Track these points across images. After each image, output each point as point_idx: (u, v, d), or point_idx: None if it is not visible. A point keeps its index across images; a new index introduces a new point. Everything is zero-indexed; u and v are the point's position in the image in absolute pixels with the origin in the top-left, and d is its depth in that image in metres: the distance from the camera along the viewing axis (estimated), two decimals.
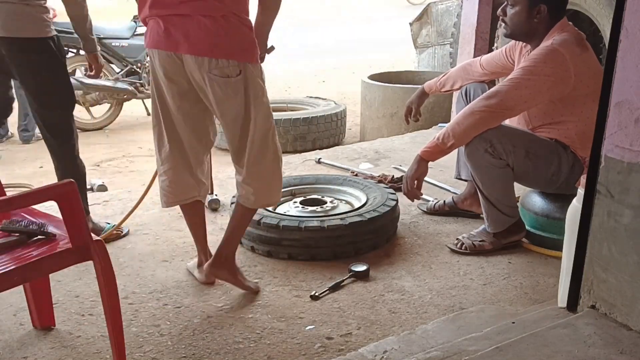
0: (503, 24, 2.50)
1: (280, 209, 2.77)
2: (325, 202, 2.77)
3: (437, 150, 2.40)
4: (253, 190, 2.15)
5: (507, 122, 2.50)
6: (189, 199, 2.27)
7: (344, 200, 2.87)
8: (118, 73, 5.97)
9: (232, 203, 2.70)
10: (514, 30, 2.47)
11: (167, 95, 2.09)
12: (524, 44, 2.57)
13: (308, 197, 2.86)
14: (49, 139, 2.65)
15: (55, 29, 2.54)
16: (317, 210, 2.70)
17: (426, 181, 2.53)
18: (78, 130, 2.78)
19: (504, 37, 2.57)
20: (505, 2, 2.46)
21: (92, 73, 2.88)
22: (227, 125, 2.08)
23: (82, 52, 5.60)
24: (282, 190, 2.88)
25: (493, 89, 2.39)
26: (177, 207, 3.05)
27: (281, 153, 2.19)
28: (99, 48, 2.86)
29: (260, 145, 2.09)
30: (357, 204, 2.78)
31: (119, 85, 5.86)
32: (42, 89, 2.59)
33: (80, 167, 2.71)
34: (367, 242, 2.56)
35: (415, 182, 2.42)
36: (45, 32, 2.54)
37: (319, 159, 3.91)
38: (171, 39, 1.95)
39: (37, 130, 5.56)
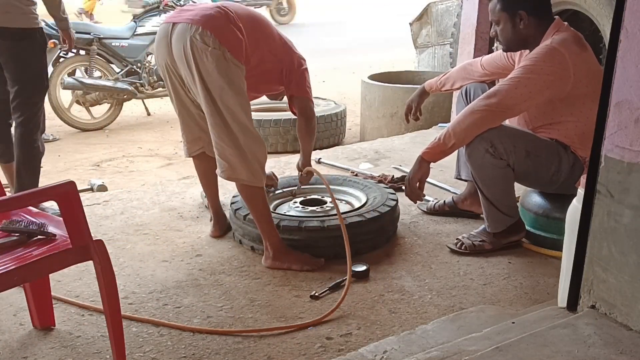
0: (498, 43, 2.56)
1: (280, 209, 2.77)
2: (325, 202, 2.77)
3: (438, 151, 2.40)
4: (220, 161, 2.37)
5: (507, 122, 2.51)
6: (197, 150, 2.66)
7: (344, 200, 2.87)
8: (118, 73, 5.96)
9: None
10: (508, 44, 2.50)
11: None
12: None
13: (308, 197, 2.86)
14: (15, 119, 2.99)
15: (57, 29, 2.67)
16: (317, 210, 2.70)
17: (426, 181, 2.53)
18: (78, 130, 2.85)
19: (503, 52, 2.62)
20: (492, 24, 2.50)
21: (66, 46, 3.41)
22: (197, 93, 2.33)
23: (82, 52, 5.72)
24: (282, 190, 2.92)
25: (493, 88, 2.40)
26: (177, 208, 3.10)
27: (253, 148, 2.35)
28: (71, 25, 3.34)
29: (219, 125, 2.32)
30: (357, 204, 2.78)
31: (119, 85, 5.86)
32: (22, 74, 2.95)
33: (35, 150, 3.02)
34: (367, 242, 2.56)
35: (418, 183, 2.42)
36: (34, 24, 2.94)
37: (319, 159, 3.90)
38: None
39: None
